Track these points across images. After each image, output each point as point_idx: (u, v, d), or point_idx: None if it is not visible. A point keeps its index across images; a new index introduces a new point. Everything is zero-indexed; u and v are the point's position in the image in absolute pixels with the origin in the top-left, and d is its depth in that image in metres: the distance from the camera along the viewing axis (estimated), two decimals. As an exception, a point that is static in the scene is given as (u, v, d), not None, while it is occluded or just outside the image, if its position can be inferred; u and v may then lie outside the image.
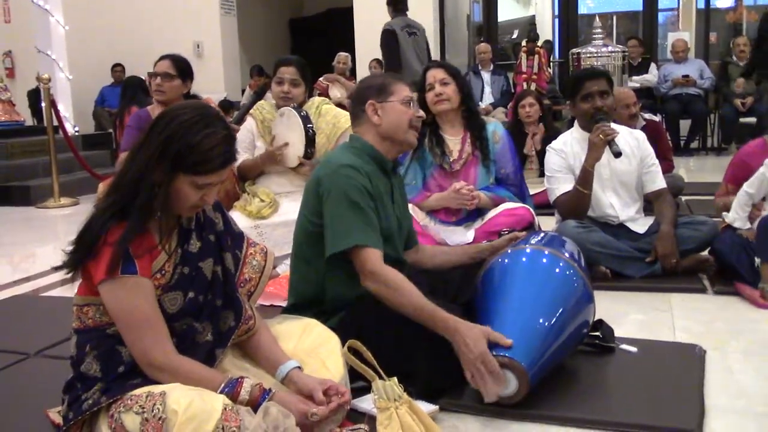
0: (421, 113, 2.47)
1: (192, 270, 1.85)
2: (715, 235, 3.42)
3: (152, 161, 1.74)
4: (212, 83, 9.68)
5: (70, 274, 1.80)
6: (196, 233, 1.89)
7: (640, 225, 3.56)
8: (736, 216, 3.33)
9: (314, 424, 1.74)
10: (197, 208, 1.86)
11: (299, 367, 1.91)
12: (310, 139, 3.52)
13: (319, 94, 6.33)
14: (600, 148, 3.33)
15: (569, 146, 3.57)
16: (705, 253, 3.50)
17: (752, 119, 7.85)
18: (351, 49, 9.62)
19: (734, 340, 2.71)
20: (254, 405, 1.72)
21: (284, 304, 2.95)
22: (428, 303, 2.10)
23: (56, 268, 1.85)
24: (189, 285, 1.84)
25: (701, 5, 11.11)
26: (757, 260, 3.14)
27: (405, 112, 2.39)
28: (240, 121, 4.95)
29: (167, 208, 1.80)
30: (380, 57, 8.81)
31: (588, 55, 6.82)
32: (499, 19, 11.48)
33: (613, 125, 3.42)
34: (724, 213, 3.48)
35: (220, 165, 1.77)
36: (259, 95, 6.31)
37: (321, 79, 7.49)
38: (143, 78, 8.49)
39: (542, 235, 2.67)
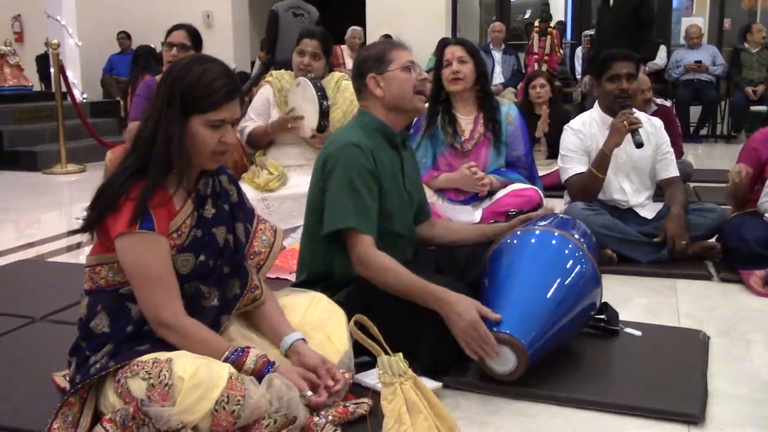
0: (425, 75, 2.42)
1: (205, 234, 1.86)
2: (722, 222, 3.41)
3: (163, 112, 1.77)
4: (221, 54, 9.56)
5: (87, 235, 1.81)
6: (212, 200, 1.91)
7: (649, 210, 3.56)
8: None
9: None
10: (220, 155, 1.85)
11: (303, 340, 1.92)
12: (323, 112, 3.51)
13: (334, 64, 6.30)
14: (622, 134, 3.30)
15: (587, 127, 3.55)
16: (712, 240, 3.50)
17: (763, 108, 7.80)
18: (362, 22, 9.55)
19: (738, 327, 2.70)
20: (258, 376, 1.73)
21: (290, 276, 2.98)
22: (417, 279, 2.10)
23: (73, 232, 1.87)
24: (201, 248, 1.85)
25: (716, -9, 11.00)
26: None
27: (407, 78, 2.34)
28: (248, 91, 4.94)
29: (187, 162, 1.81)
30: (389, 32, 8.77)
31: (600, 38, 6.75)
32: (512, -1, 11.39)
33: (636, 113, 3.40)
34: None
35: (225, 96, 1.78)
36: (267, 66, 6.27)
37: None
38: (153, 46, 8.47)
39: (552, 217, 2.66)
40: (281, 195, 3.51)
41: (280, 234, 2.16)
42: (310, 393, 1.77)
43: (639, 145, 3.28)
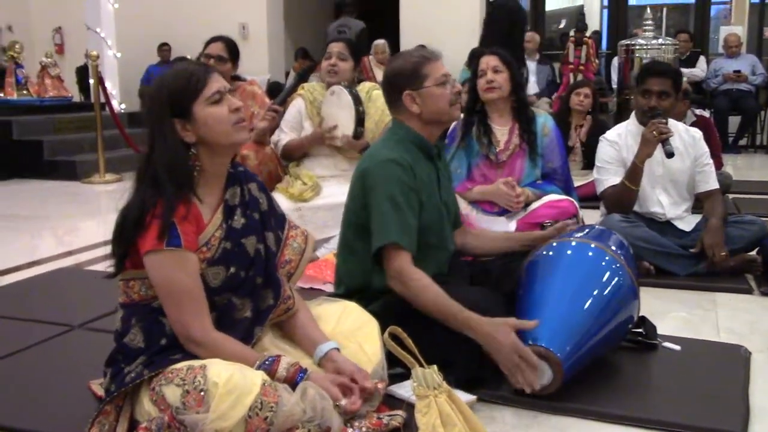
0: (458, 87, 2.42)
1: (234, 245, 1.86)
2: (763, 235, 3.35)
3: (156, 129, 1.80)
4: (257, 65, 9.71)
5: (117, 265, 1.83)
6: (241, 210, 1.91)
7: (687, 223, 3.50)
8: None
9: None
10: (241, 124, 1.85)
11: (338, 349, 1.92)
12: (359, 119, 3.52)
13: (364, 76, 6.35)
14: (652, 144, 3.27)
15: (623, 138, 3.52)
16: (753, 253, 3.43)
17: (805, 118, 7.66)
18: (396, 33, 9.58)
19: (780, 343, 2.64)
20: (291, 383, 1.73)
21: (324, 287, 2.98)
22: (452, 303, 2.08)
23: (108, 276, 1.89)
24: (232, 260, 1.85)
25: (756, -1, 10.84)
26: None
27: (442, 94, 2.32)
28: (282, 102, 4.97)
29: (208, 162, 1.83)
30: (425, 43, 8.76)
31: (637, 47, 6.68)
32: (547, 8, 11.33)
33: (671, 122, 3.35)
34: None
35: (204, 72, 1.82)
36: (302, 77, 6.32)
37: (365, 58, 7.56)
38: (190, 57, 8.57)
39: (589, 228, 2.63)
40: (315, 205, 3.52)
41: (311, 240, 2.15)
42: (344, 401, 1.76)
43: (670, 155, 3.24)
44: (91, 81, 7.45)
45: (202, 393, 1.60)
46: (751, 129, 8.36)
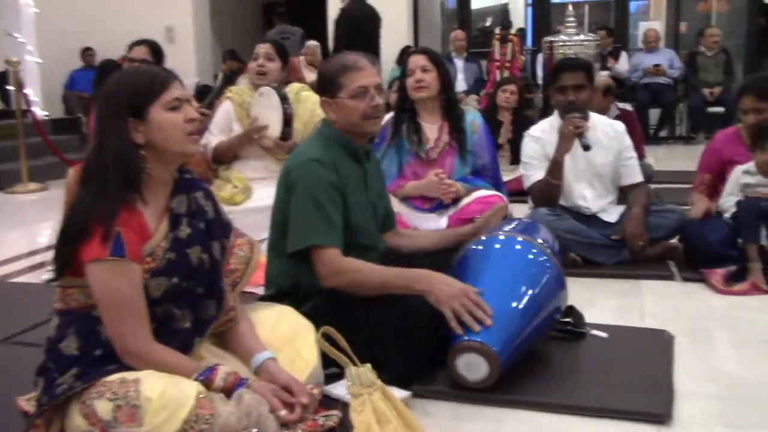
0: (377, 101, 2.34)
1: (179, 256, 1.83)
2: (683, 223, 3.47)
3: (108, 127, 1.77)
4: (184, 68, 9.53)
5: (49, 254, 1.79)
6: (187, 219, 1.88)
7: (612, 214, 3.60)
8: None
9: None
10: (194, 135, 1.83)
11: (274, 359, 1.91)
12: (286, 120, 3.51)
13: (292, 78, 6.30)
14: (569, 139, 3.36)
15: (547, 134, 3.60)
16: (674, 240, 3.55)
17: (720, 109, 7.94)
18: (324, 34, 9.56)
19: (702, 326, 2.75)
20: (229, 392, 1.72)
21: (256, 290, 2.96)
22: (395, 269, 2.14)
23: (50, 281, 1.84)
24: (175, 271, 1.82)
25: (672, -5, 11.20)
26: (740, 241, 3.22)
27: (354, 107, 2.29)
28: (210, 105, 4.91)
29: (155, 168, 1.80)
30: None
31: (560, 44, 6.84)
32: (473, 6, 11.48)
33: (593, 116, 3.44)
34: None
35: (167, 77, 1.82)
36: (229, 79, 6.23)
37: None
38: (118, 61, 8.38)
39: (516, 222, 2.69)
40: (246, 208, 3.49)
41: (257, 248, 2.15)
42: (284, 412, 1.76)
43: (586, 148, 3.33)
44: (12, 88, 7.22)
45: (134, 409, 1.58)
46: (670, 121, 8.64)
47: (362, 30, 4.68)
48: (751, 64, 9.08)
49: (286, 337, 2.02)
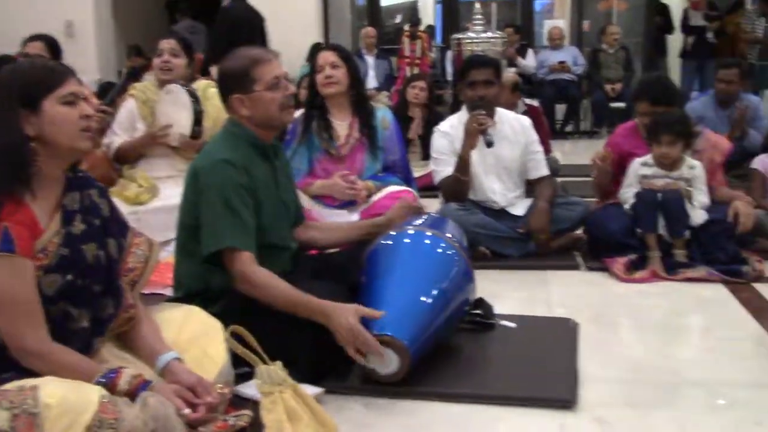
0: (291, 89, 2.36)
1: (73, 252, 1.78)
2: (588, 215, 3.58)
3: (9, 107, 1.72)
4: (85, 64, 9.17)
5: None
6: (80, 216, 1.83)
7: (520, 207, 3.68)
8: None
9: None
10: (88, 132, 1.79)
11: (179, 359, 1.87)
12: (196, 118, 3.43)
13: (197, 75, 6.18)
14: (474, 136, 3.42)
15: (455, 129, 3.65)
16: (579, 231, 3.67)
17: (621, 104, 8.23)
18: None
19: (605, 313, 2.85)
20: (132, 396, 1.67)
21: (165, 291, 2.89)
22: (300, 294, 2.10)
23: None
24: (69, 267, 1.77)
25: (575, -6, 11.53)
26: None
27: (272, 99, 2.27)
28: (112, 103, 4.76)
29: (45, 163, 1.74)
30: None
31: (468, 41, 6.94)
32: (383, 3, 11.53)
33: (500, 111, 3.50)
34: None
35: (64, 71, 1.79)
36: (131, 76, 6.04)
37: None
38: (14, 56, 8.02)
39: (426, 217, 2.72)
40: (153, 207, 3.40)
41: (156, 247, 2.09)
42: (188, 410, 1.72)
43: (489, 144, 3.40)
44: None
45: (31, 416, 1.51)
46: (575, 116, 8.91)
47: (242, 31, 4.59)
48: (648, 61, 9.45)
49: (194, 338, 1.99)
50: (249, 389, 1.98)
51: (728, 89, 5.06)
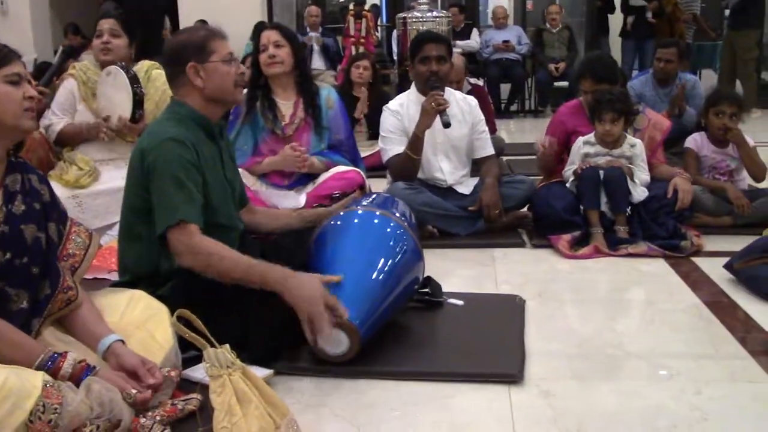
0: (243, 69, 2.40)
1: (12, 231, 1.77)
2: (533, 193, 3.63)
3: None
4: (20, 43, 8.80)
5: None
6: (21, 197, 1.82)
7: (466, 186, 3.72)
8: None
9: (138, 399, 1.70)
10: (32, 113, 1.81)
11: (122, 341, 1.85)
12: (137, 101, 3.35)
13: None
14: (431, 116, 3.42)
15: (405, 108, 3.64)
16: (524, 209, 3.71)
17: (565, 83, 8.35)
18: (173, 9, 9.22)
19: (550, 289, 2.90)
20: (76, 381, 1.65)
21: (109, 276, 2.85)
22: (256, 261, 2.08)
23: None
24: (8, 246, 1.75)
25: (519, -26, 11.59)
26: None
27: (228, 72, 2.29)
28: (48, 83, 4.61)
29: None
30: (205, 18, 8.52)
31: (414, 20, 6.93)
32: (328, -18, 11.43)
33: (448, 91, 3.51)
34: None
35: (11, 53, 1.81)
36: (68, 54, 5.83)
37: None
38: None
39: (374, 196, 2.72)
40: (94, 191, 3.31)
41: (95, 239, 2.07)
42: (134, 391, 1.70)
43: (447, 125, 3.41)
44: None
45: (-27, 401, 1.48)
46: (520, 95, 9.00)
47: (142, 19, 4.51)
48: (591, 41, 9.59)
49: (139, 322, 1.97)
50: (197, 373, 1.96)
51: (666, 68, 5.17)
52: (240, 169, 3.33)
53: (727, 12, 8.52)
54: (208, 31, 2.32)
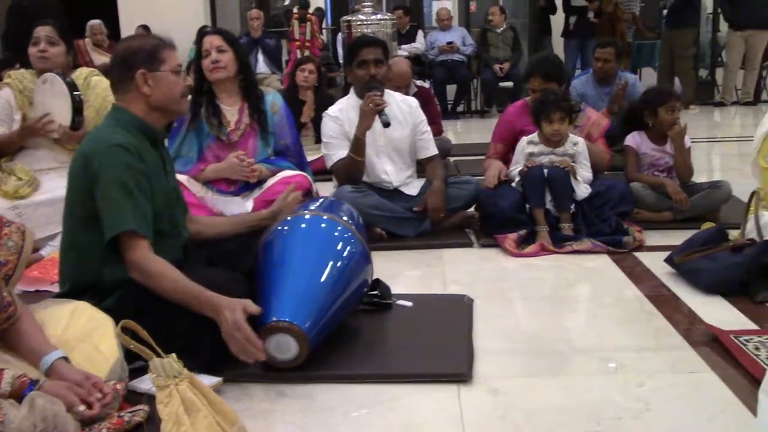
0: (190, 81, 2.40)
1: None
2: (479, 193, 3.67)
3: None
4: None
5: None
6: None
7: (413, 187, 3.73)
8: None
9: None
10: None
11: (65, 358, 1.81)
12: (77, 108, 3.29)
13: (80, 61, 5.91)
14: (370, 117, 3.43)
15: (345, 113, 3.64)
16: (471, 209, 3.75)
17: (509, 83, 8.45)
18: (114, 13, 9.06)
19: (498, 287, 2.94)
20: (18, 397, 1.61)
21: (51, 288, 2.78)
22: (192, 286, 2.06)
23: None
24: None
25: (462, -25, 11.70)
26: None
27: (176, 83, 2.29)
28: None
29: None
30: (147, 23, 8.41)
31: (358, 23, 6.93)
32: (271, -14, 11.37)
33: (387, 92, 3.53)
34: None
35: None
36: (4, 62, 5.68)
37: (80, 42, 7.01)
38: None
39: (321, 200, 2.72)
40: (34, 201, 3.24)
41: (29, 235, 2.01)
42: (82, 407, 1.67)
43: (386, 124, 3.42)
44: None
45: None
46: (466, 96, 9.07)
47: (35, 20, 4.45)
48: (534, 41, 9.72)
49: (83, 334, 1.93)
50: (144, 384, 1.94)
51: (604, 67, 5.29)
52: (185, 176, 3.33)
53: (665, 11, 8.73)
54: (160, 40, 2.33)
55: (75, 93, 3.30)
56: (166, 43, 2.32)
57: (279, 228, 2.43)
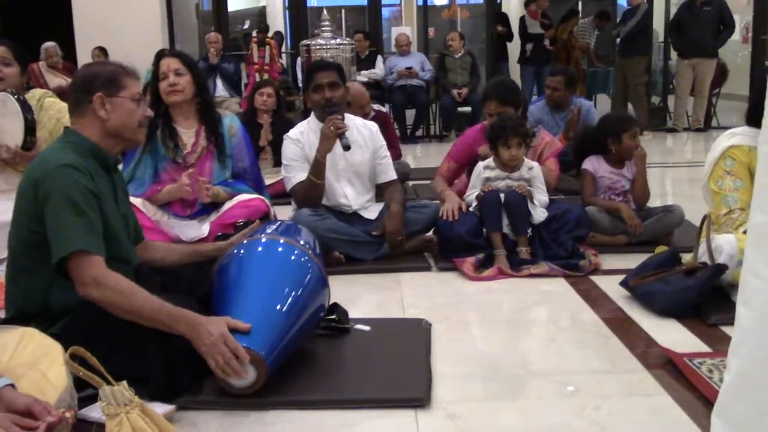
0: (150, 113, 2.38)
1: None
2: (437, 217, 3.68)
3: None
4: None
5: None
6: None
7: (372, 211, 3.73)
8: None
9: None
10: None
11: (12, 385, 1.75)
12: (29, 128, 3.24)
13: (34, 83, 5.82)
14: (331, 140, 3.42)
15: (306, 136, 3.64)
16: (429, 233, 3.76)
17: (467, 108, 8.54)
18: (70, 35, 8.95)
19: (456, 311, 2.94)
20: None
21: (-2, 314, 2.70)
22: (165, 303, 2.03)
23: None
24: None
25: (420, 2, 11.83)
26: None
27: (134, 110, 2.27)
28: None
29: None
30: (104, 45, 8.33)
31: (317, 47, 6.96)
32: (230, 9, 11.35)
33: (348, 117, 3.54)
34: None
35: None
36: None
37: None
38: None
39: (278, 224, 2.70)
40: (-18, 225, 3.17)
41: None
42: None
43: (346, 147, 3.43)
44: None
45: None
46: (425, 120, 9.14)
47: None
48: (492, 67, 9.86)
49: (31, 361, 1.87)
50: (94, 412, 1.89)
51: (554, 95, 5.40)
52: (140, 200, 3.28)
53: (618, 40, 8.94)
54: (122, 68, 2.32)
55: (27, 113, 3.25)
56: (128, 71, 2.31)
57: (235, 252, 2.41)
